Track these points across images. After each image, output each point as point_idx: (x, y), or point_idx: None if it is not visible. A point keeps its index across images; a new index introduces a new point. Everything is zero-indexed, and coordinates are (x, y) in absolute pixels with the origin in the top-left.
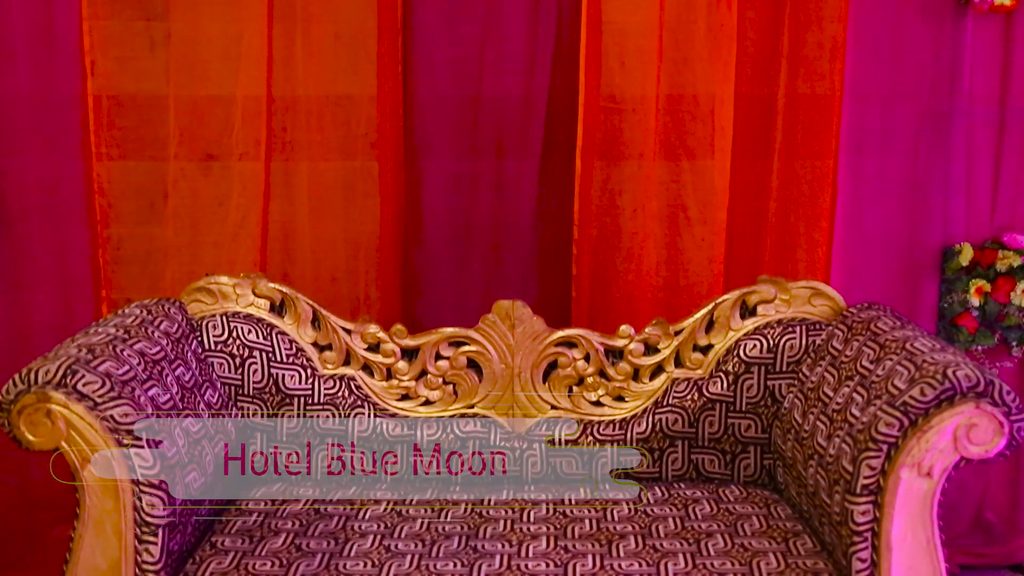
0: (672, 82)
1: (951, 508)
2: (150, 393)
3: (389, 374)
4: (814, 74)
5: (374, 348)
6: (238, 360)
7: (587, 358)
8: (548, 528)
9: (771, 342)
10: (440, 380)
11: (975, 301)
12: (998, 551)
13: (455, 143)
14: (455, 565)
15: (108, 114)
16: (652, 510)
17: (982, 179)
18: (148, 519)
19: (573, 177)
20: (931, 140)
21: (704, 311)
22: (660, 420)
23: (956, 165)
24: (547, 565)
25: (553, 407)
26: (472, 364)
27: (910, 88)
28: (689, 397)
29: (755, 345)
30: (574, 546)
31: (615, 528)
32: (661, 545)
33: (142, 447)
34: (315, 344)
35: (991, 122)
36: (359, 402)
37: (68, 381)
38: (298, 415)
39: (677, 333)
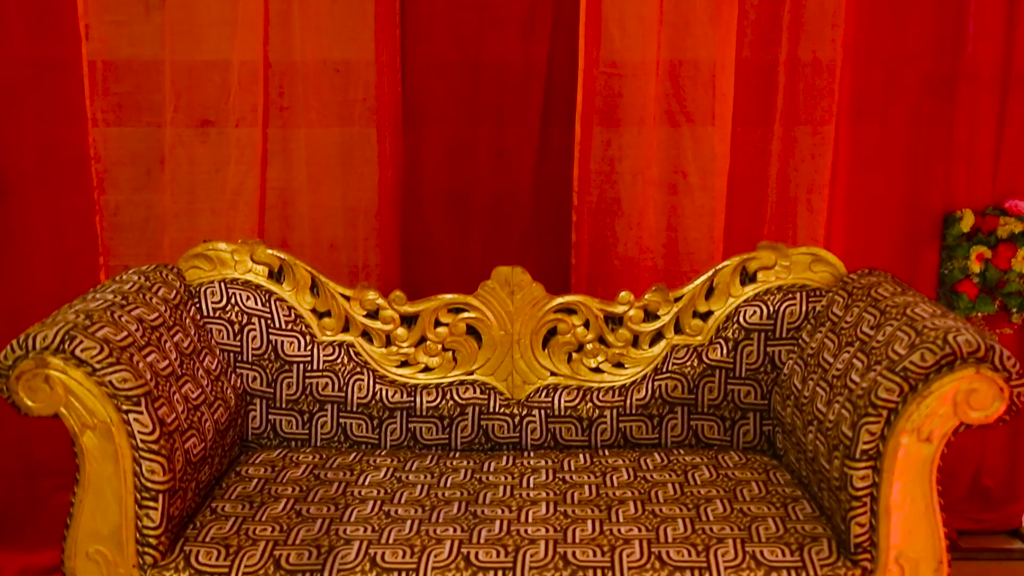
0: (673, 47)
1: (949, 474)
2: (149, 359)
3: (388, 341)
4: (815, 39)
5: (373, 315)
6: (237, 327)
7: (587, 325)
8: (548, 494)
9: (771, 308)
10: (439, 347)
11: (976, 268)
12: (995, 516)
13: (454, 109)
14: (455, 530)
15: (103, 79)
16: (651, 476)
17: (984, 145)
18: (148, 484)
19: (573, 143)
20: (933, 105)
21: (704, 277)
22: (660, 387)
23: (958, 130)
24: (547, 530)
25: (552, 374)
26: (471, 331)
27: (912, 52)
28: (689, 363)
29: (755, 311)
30: (573, 511)
31: (614, 494)
32: (660, 511)
33: (141, 413)
34: (314, 311)
35: (994, 87)
36: (358, 369)
37: (66, 347)
38: (297, 381)
39: (677, 299)
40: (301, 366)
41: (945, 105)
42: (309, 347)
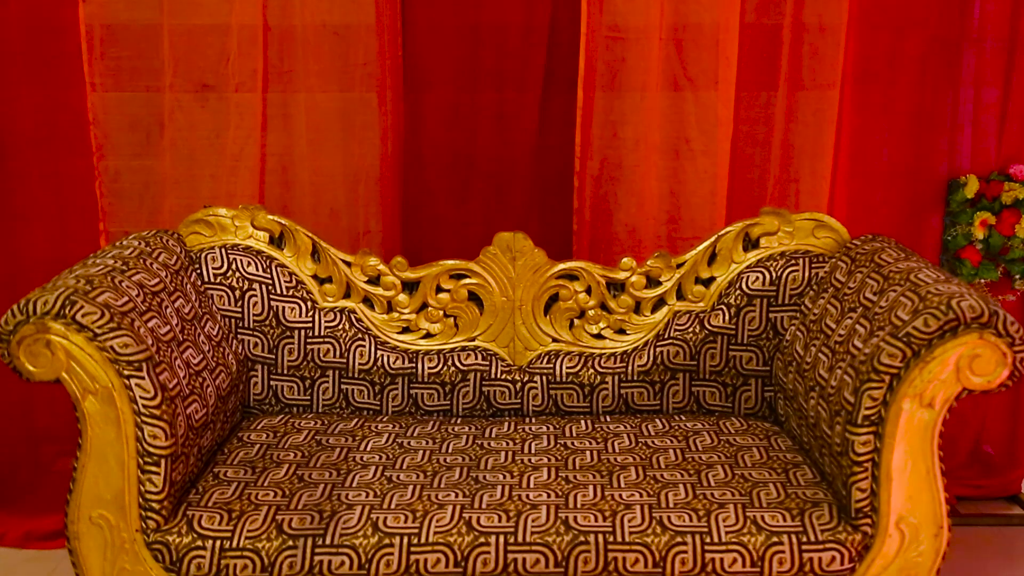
0: (676, 10)
1: (949, 440)
2: (150, 324)
3: (390, 307)
4: (821, 2)
5: (374, 281)
6: (238, 293)
7: (588, 291)
8: (549, 459)
9: (774, 274)
10: (441, 313)
11: (979, 234)
12: (995, 483)
13: (455, 74)
14: (457, 495)
15: (101, 43)
16: (653, 442)
17: (990, 109)
18: (150, 449)
19: (575, 108)
20: (938, 70)
21: (706, 243)
22: (661, 353)
23: (964, 95)
24: (548, 495)
25: (554, 340)
26: (473, 297)
27: (918, 16)
28: (691, 330)
29: (757, 277)
30: (575, 477)
31: (616, 459)
32: (662, 476)
33: (143, 378)
34: (315, 277)
35: (1000, 51)
36: (360, 335)
37: (67, 311)
38: (299, 347)
39: (679, 266)
40: (302, 332)
41: (950, 70)
42: (310, 313)
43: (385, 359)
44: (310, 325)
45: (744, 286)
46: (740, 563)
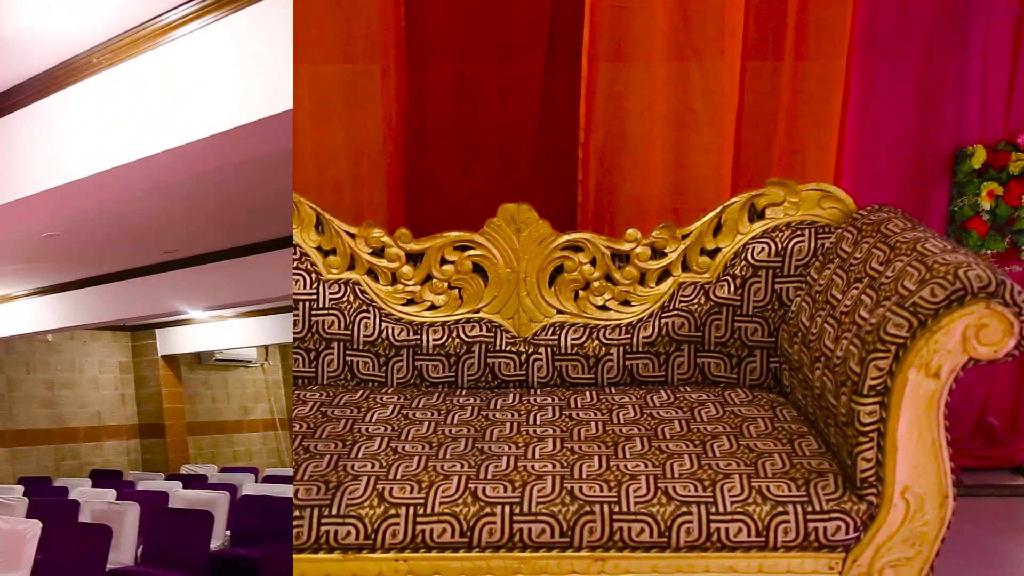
0: None
1: (954, 412)
2: None
3: (394, 279)
4: None
5: (379, 253)
6: None
7: (593, 262)
8: (554, 430)
9: (779, 245)
10: (445, 284)
11: (986, 205)
12: (999, 454)
13: (459, 45)
14: (462, 466)
15: None
16: (658, 413)
17: (997, 79)
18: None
19: (579, 79)
20: (946, 39)
21: (712, 214)
22: (667, 324)
23: (971, 65)
24: (554, 466)
25: (559, 311)
26: (477, 268)
27: None
28: (696, 301)
29: (763, 248)
30: (580, 448)
31: (621, 431)
32: (667, 447)
33: None
34: (319, 248)
35: (1009, 20)
36: (364, 307)
37: None
38: (303, 320)
39: (684, 237)
40: (307, 304)
41: (958, 40)
42: (314, 285)
43: (390, 331)
44: (314, 297)
45: (750, 257)
46: (745, 532)
